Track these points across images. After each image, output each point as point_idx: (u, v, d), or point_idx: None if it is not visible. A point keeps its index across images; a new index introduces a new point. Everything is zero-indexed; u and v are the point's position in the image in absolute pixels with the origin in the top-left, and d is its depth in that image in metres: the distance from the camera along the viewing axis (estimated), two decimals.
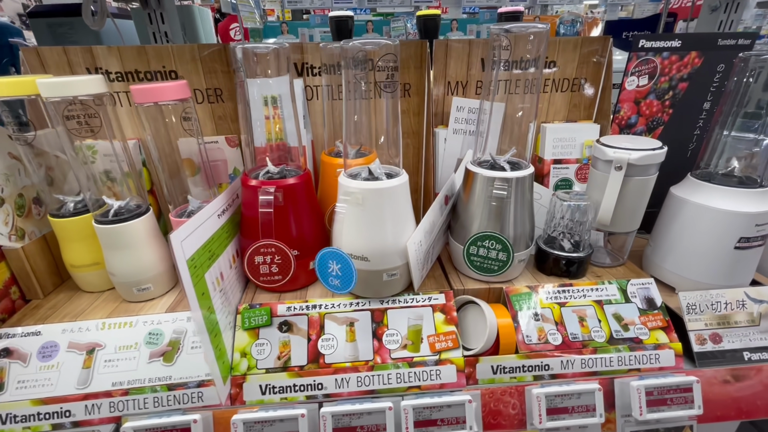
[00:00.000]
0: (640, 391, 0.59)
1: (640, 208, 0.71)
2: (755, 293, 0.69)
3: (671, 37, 0.77)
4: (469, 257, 0.64)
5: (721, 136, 0.67)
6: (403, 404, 0.56)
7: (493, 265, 0.64)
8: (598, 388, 0.59)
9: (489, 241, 0.62)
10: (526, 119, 0.71)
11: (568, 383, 0.60)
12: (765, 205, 0.65)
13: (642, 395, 0.59)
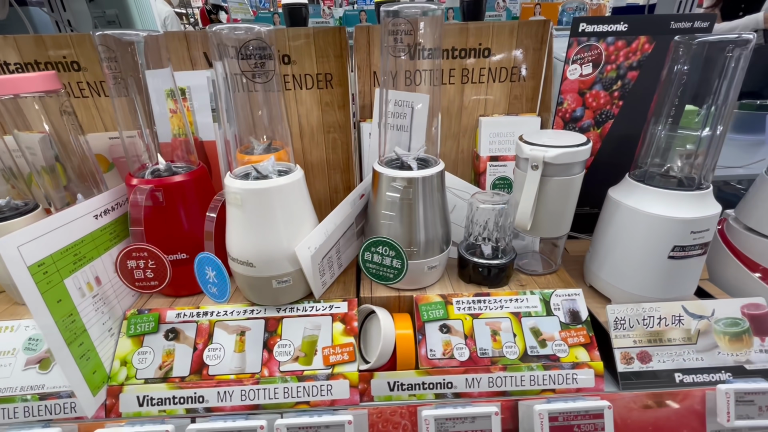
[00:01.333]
0: (542, 416, 0.53)
1: (567, 211, 0.64)
2: (695, 308, 0.61)
3: (616, 20, 0.69)
4: (365, 264, 0.58)
5: (656, 131, 0.60)
6: (278, 423, 0.52)
7: (388, 272, 0.58)
8: (495, 412, 0.53)
9: (382, 247, 0.56)
10: (433, 113, 0.65)
11: (463, 405, 0.55)
12: (702, 210, 0.57)
13: (545, 420, 0.53)
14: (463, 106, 0.79)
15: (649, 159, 0.61)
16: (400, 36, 0.58)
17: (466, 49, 0.74)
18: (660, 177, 0.62)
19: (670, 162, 0.60)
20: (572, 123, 0.77)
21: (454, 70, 0.76)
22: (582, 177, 0.62)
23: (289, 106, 0.78)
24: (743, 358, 0.59)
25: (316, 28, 0.72)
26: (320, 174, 0.84)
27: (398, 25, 0.57)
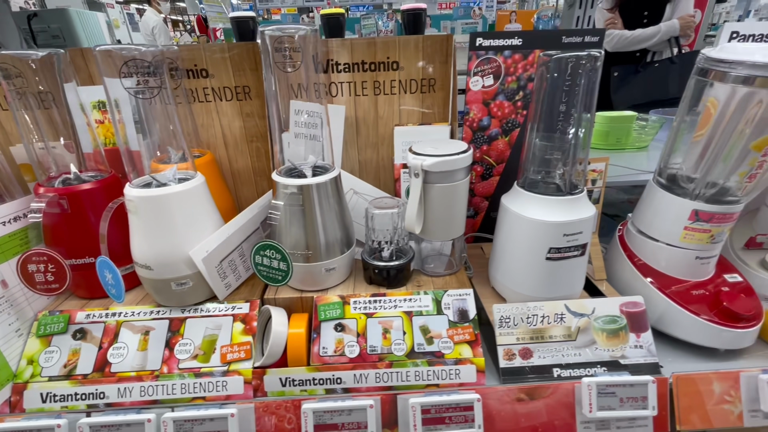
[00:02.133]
0: (415, 409, 0.56)
1: (456, 216, 0.68)
2: (576, 306, 0.65)
3: (510, 35, 0.73)
4: (257, 267, 0.62)
5: (531, 140, 0.64)
6: (165, 416, 0.55)
7: (276, 274, 0.62)
8: (370, 405, 0.56)
9: (269, 251, 0.60)
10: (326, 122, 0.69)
11: (343, 399, 0.58)
12: (573, 214, 0.61)
13: (417, 413, 0.56)
14: (378, 116, 0.83)
15: (529, 166, 0.65)
16: (286, 53, 0.62)
17: (375, 63, 0.78)
18: (541, 183, 0.65)
19: (544, 169, 0.64)
20: (480, 132, 0.81)
21: (366, 82, 0.80)
22: (467, 183, 0.66)
23: (212, 117, 0.82)
24: (619, 353, 0.63)
25: (230, 43, 0.76)
26: (247, 181, 0.88)
27: (282, 43, 0.61)
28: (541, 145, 0.63)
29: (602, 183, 0.74)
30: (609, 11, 2.28)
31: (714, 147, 0.61)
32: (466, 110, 0.78)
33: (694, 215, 0.65)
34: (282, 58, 0.62)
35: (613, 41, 2.21)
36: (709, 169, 0.62)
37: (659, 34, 2.11)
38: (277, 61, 0.62)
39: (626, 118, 1.31)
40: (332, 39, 0.77)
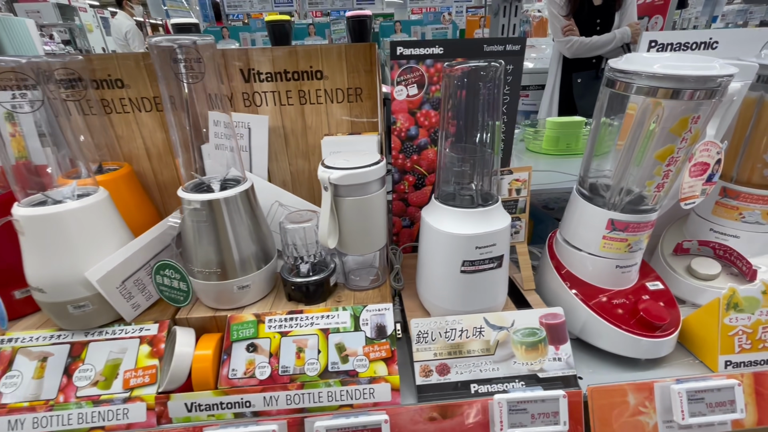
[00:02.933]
0: None
1: (373, 228, 0.66)
2: (495, 319, 0.64)
3: (431, 43, 0.72)
4: (159, 287, 0.59)
5: (440, 150, 0.63)
6: None
7: (178, 295, 0.59)
8: (273, 430, 0.54)
9: (169, 270, 0.57)
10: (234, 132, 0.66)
11: (246, 424, 0.55)
12: (485, 227, 0.60)
13: None
14: (307, 126, 0.81)
15: (442, 178, 0.64)
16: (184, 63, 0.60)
17: (299, 72, 0.76)
18: (458, 195, 0.64)
19: (456, 180, 0.63)
20: (409, 141, 0.79)
21: (291, 92, 0.78)
22: (383, 195, 0.64)
23: (132, 129, 0.78)
24: (537, 366, 0.62)
25: (145, 52, 0.73)
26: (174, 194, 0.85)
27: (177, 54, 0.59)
28: (450, 156, 0.62)
29: (527, 192, 0.73)
30: (565, 18, 2.32)
31: (623, 157, 0.61)
32: (393, 120, 0.77)
33: (610, 224, 0.65)
34: (180, 69, 0.60)
35: (574, 47, 2.24)
36: (620, 179, 0.62)
37: (615, 40, 2.16)
38: (177, 72, 0.60)
39: (575, 124, 1.32)
40: (252, 48, 0.75)
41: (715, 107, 0.56)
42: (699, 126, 0.55)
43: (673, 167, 0.59)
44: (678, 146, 0.56)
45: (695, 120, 0.54)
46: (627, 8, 2.24)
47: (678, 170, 0.60)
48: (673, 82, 0.52)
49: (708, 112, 0.55)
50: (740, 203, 0.74)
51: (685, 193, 0.63)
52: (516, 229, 0.76)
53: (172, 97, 0.62)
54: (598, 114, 0.64)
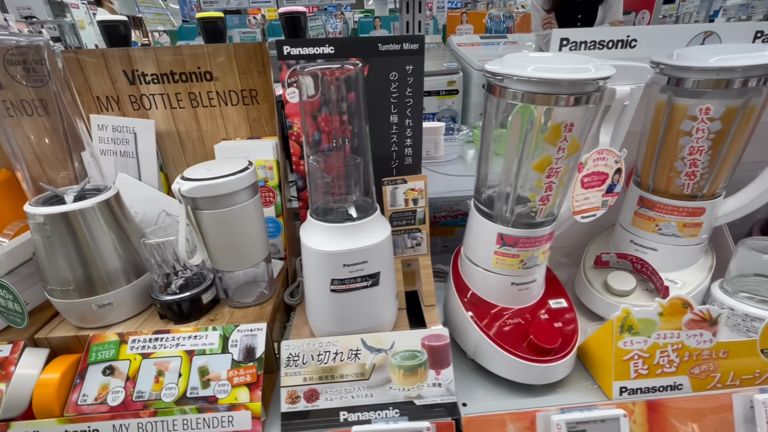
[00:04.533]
0: None
1: (246, 242, 0.61)
2: (373, 340, 0.59)
3: (321, 42, 0.67)
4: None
5: (306, 161, 0.58)
6: None
7: (15, 317, 0.55)
8: None
9: (2, 290, 0.53)
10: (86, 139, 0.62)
11: None
12: (353, 243, 0.55)
13: None
14: (202, 130, 0.76)
15: (312, 190, 0.59)
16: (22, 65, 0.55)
17: (186, 73, 0.72)
18: (334, 209, 0.60)
19: (327, 192, 0.58)
20: (314, 146, 0.74)
21: (180, 94, 0.73)
22: (253, 205, 0.60)
23: None
24: (415, 392, 0.57)
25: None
26: None
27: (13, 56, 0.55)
28: (313, 166, 0.57)
29: (425, 202, 0.68)
30: (547, 12, 2.26)
31: (504, 168, 0.56)
32: (289, 124, 0.72)
33: (500, 239, 0.60)
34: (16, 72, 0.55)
35: None
36: (504, 192, 0.57)
37: None
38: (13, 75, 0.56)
39: None
40: (134, 48, 0.70)
41: (596, 113, 0.51)
42: (575, 134, 0.50)
43: (555, 179, 0.53)
44: (555, 156, 0.51)
45: (568, 128, 0.49)
46: (612, 3, 2.14)
47: (562, 182, 0.55)
48: (544, 86, 0.47)
49: (586, 118, 0.50)
50: (656, 214, 0.69)
51: (579, 205, 0.58)
52: (417, 241, 0.72)
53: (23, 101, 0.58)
54: (484, 122, 0.59)
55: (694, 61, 0.57)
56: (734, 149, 0.61)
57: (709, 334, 0.57)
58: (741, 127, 0.59)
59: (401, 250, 0.72)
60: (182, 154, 0.78)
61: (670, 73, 0.60)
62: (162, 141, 0.76)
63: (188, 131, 0.76)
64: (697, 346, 0.58)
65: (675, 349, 0.58)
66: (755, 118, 0.59)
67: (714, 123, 0.58)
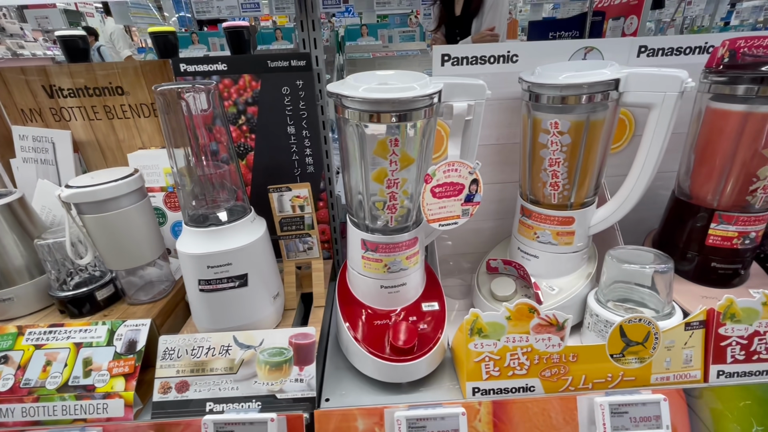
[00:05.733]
0: None
1: (134, 242, 0.66)
2: (245, 338, 0.63)
3: (215, 60, 0.72)
4: None
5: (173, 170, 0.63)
6: None
7: None
8: None
9: None
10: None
11: None
12: (218, 246, 0.60)
13: None
14: (120, 140, 0.82)
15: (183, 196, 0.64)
16: None
17: (99, 88, 0.78)
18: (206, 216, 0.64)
19: (196, 198, 0.63)
20: (214, 157, 0.80)
21: (96, 107, 0.79)
22: (137, 210, 0.65)
23: None
24: (277, 387, 0.61)
25: None
26: None
27: None
28: (179, 175, 0.62)
29: (311, 209, 0.72)
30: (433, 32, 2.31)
31: (353, 179, 0.60)
32: None
33: (363, 245, 0.64)
34: None
35: None
36: (357, 200, 0.61)
37: None
38: None
39: None
40: (51, 65, 0.77)
41: (425, 129, 0.54)
42: (403, 148, 0.54)
43: (397, 189, 0.57)
44: (390, 168, 0.55)
45: (394, 142, 0.53)
46: (486, 15, 2.15)
47: (406, 192, 0.58)
48: (368, 105, 0.51)
49: (410, 134, 0.54)
50: (534, 222, 0.71)
51: (433, 214, 0.61)
52: (308, 245, 0.76)
53: None
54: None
55: (547, 78, 0.60)
56: (590, 161, 0.64)
57: (557, 338, 0.60)
58: (591, 141, 0.62)
59: (294, 254, 0.76)
60: (104, 161, 0.84)
61: (530, 90, 0.63)
62: (84, 150, 0.82)
63: (107, 141, 0.82)
64: (546, 349, 0.60)
65: (525, 352, 0.60)
66: (603, 132, 0.62)
67: (564, 136, 0.61)
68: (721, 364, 0.61)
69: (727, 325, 0.60)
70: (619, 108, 0.62)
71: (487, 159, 0.81)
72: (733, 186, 0.64)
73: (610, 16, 3.43)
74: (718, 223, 0.66)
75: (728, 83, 0.60)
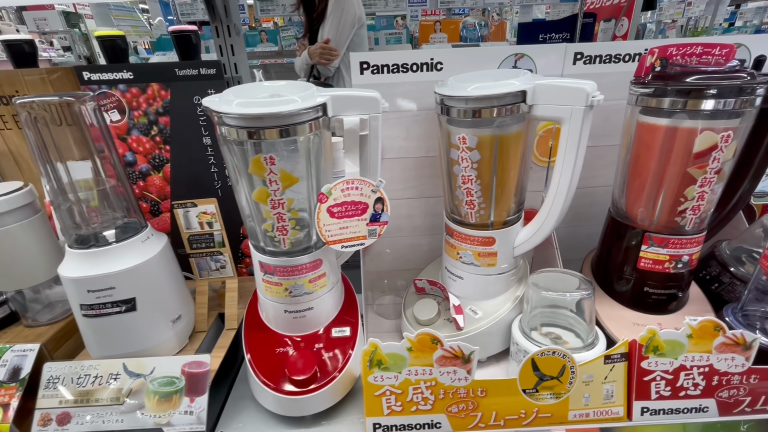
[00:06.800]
0: None
1: (15, 264, 0.63)
2: (135, 366, 0.59)
3: (120, 68, 0.69)
4: None
5: None
6: None
7: None
8: None
9: None
10: None
11: None
12: (98, 269, 0.56)
13: None
14: None
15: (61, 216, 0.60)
16: None
17: (5, 97, 0.74)
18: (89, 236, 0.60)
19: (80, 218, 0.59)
20: (128, 167, 0.76)
21: (5, 116, 0.76)
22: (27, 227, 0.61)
23: None
24: (165, 420, 0.57)
25: None
26: None
27: None
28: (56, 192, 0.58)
29: (220, 225, 0.68)
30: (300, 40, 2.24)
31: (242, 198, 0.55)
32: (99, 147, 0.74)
33: (261, 267, 0.59)
34: None
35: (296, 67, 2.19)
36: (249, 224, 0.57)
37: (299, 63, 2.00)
38: None
39: None
40: None
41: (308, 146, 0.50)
42: (282, 166, 0.49)
43: (284, 210, 0.53)
44: (270, 188, 0.50)
45: (270, 160, 0.48)
46: (326, 23, 2.00)
47: (295, 213, 0.54)
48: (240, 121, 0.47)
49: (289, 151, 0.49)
50: (456, 242, 0.67)
51: (333, 235, 0.56)
52: (221, 264, 0.72)
53: None
54: None
55: (456, 90, 0.56)
56: (506, 179, 0.59)
57: (463, 371, 0.55)
58: (505, 157, 0.57)
59: (207, 272, 0.72)
60: (19, 172, 0.80)
61: (441, 102, 0.59)
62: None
63: (20, 151, 0.79)
64: (452, 383, 0.55)
65: (429, 386, 0.56)
66: (519, 147, 0.57)
67: (473, 152, 0.56)
68: (645, 400, 0.56)
69: (651, 358, 0.55)
70: (534, 122, 0.57)
71: (417, 172, 0.77)
72: (663, 206, 0.59)
73: (602, 18, 3.38)
74: (649, 245, 0.61)
75: (654, 95, 0.55)
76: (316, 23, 2.05)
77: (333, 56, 1.99)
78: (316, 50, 1.97)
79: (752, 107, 0.52)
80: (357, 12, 2.01)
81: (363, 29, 2.13)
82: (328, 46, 1.97)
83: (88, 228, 0.58)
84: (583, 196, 0.81)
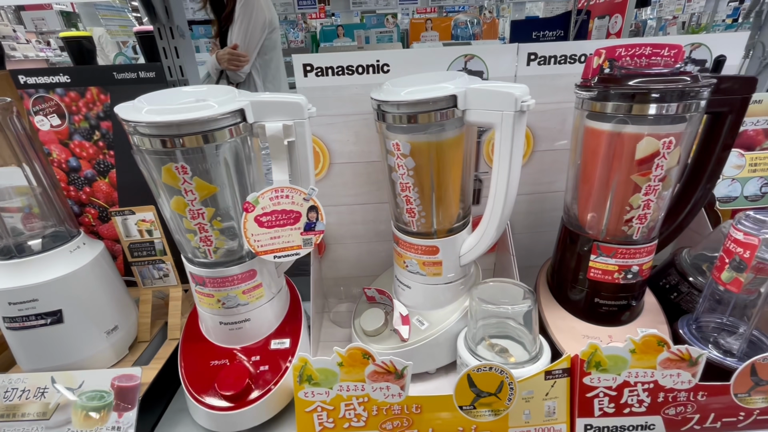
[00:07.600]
0: None
1: None
2: (64, 379, 0.57)
3: (56, 71, 0.67)
4: None
5: None
6: None
7: None
8: None
9: None
10: None
11: None
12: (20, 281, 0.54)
13: None
14: None
15: None
16: None
17: None
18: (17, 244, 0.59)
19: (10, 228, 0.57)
20: (73, 173, 0.74)
21: None
22: None
23: None
24: None
25: None
26: None
27: None
28: None
29: (161, 233, 0.66)
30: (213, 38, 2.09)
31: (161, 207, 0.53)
32: (47, 151, 0.72)
33: (193, 278, 0.57)
34: None
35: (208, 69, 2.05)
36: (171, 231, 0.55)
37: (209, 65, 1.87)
38: None
39: None
40: None
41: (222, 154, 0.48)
42: (199, 175, 0.47)
43: (205, 221, 0.51)
44: (186, 198, 0.48)
45: (182, 170, 0.46)
46: (234, 27, 1.87)
47: (218, 223, 0.52)
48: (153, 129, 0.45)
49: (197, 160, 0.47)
50: (402, 250, 0.64)
51: (262, 245, 0.54)
52: (164, 272, 0.70)
53: None
54: None
55: (390, 95, 0.53)
56: (445, 187, 0.57)
57: (396, 387, 0.53)
58: (442, 164, 0.55)
59: (150, 281, 0.70)
60: None
61: (378, 108, 0.56)
62: None
63: None
64: (386, 399, 0.53)
65: (361, 402, 0.54)
66: (458, 154, 0.55)
67: (407, 159, 0.54)
68: (589, 417, 0.54)
69: (593, 374, 0.53)
70: (472, 128, 0.55)
71: (368, 177, 0.74)
72: (610, 215, 0.57)
73: (596, 15, 3.33)
74: (598, 254, 0.59)
75: (597, 99, 0.53)
76: (224, 24, 1.92)
77: (242, 62, 1.87)
78: (224, 56, 1.84)
79: (696, 112, 0.49)
80: (267, 16, 1.90)
81: (275, 33, 2.01)
82: (236, 52, 1.85)
83: (9, 238, 0.56)
84: (542, 202, 0.79)
